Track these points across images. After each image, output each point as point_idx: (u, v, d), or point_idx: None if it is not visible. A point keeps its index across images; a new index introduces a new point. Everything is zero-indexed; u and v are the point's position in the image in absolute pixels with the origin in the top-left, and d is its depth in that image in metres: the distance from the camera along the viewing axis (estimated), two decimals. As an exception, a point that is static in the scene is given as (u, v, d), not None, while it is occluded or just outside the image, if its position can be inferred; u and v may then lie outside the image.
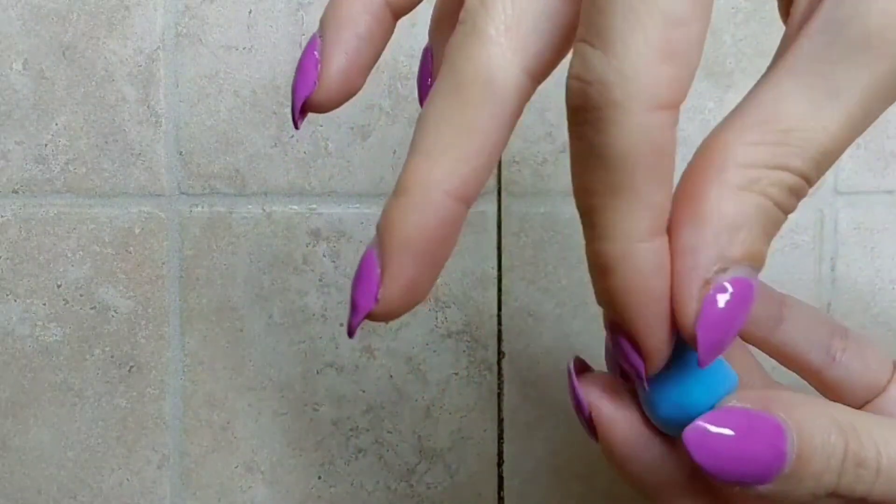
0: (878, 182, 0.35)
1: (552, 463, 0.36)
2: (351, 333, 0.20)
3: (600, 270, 0.17)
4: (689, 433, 0.18)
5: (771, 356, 0.24)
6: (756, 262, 0.17)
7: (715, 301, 0.17)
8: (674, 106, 0.16)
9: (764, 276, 0.23)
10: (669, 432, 0.20)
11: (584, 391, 0.21)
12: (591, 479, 0.36)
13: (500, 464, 0.36)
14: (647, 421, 0.20)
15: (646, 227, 0.17)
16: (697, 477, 0.21)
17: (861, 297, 0.35)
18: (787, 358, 0.24)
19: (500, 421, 0.36)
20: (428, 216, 0.19)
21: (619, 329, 0.18)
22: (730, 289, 0.17)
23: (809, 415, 0.19)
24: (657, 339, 0.18)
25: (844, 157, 0.36)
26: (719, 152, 0.17)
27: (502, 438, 0.36)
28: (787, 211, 0.17)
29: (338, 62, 0.22)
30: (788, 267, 0.35)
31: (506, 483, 0.36)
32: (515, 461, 0.36)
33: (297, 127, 0.22)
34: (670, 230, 0.17)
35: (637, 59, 0.16)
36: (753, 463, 0.18)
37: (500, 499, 0.36)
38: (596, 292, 0.18)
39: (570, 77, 0.17)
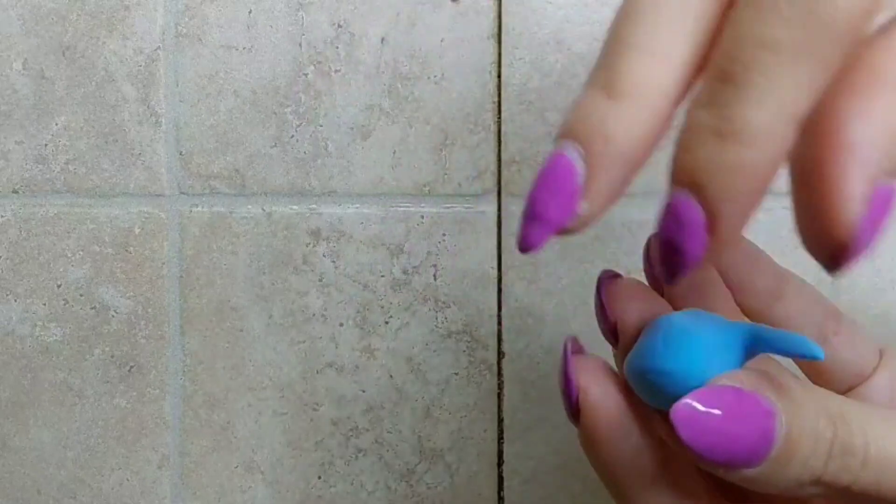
0: (878, 182, 0.35)
1: (552, 463, 0.36)
2: (529, 249, 0.17)
3: (732, 136, 0.15)
4: (677, 409, 0.18)
5: None
6: None
7: (881, 200, 0.16)
8: None
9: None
10: (657, 402, 0.20)
11: (576, 371, 0.20)
12: (591, 479, 0.36)
13: (500, 464, 0.36)
14: (631, 408, 0.20)
15: (807, 108, 0.15)
16: (668, 470, 0.21)
17: (861, 297, 0.35)
18: None
19: (500, 421, 0.36)
20: (650, 124, 0.16)
21: (703, 198, 0.16)
22: (889, 195, 0.16)
23: (800, 399, 0.19)
24: (742, 220, 0.17)
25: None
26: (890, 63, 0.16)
27: (502, 438, 0.36)
28: None
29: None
30: (788, 266, 0.35)
31: (506, 483, 0.36)
32: (515, 461, 0.36)
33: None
34: (829, 121, 0.16)
35: None
36: (740, 444, 0.18)
37: (500, 499, 0.36)
38: (702, 169, 0.16)
39: None
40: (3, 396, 0.36)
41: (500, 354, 0.36)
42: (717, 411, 0.18)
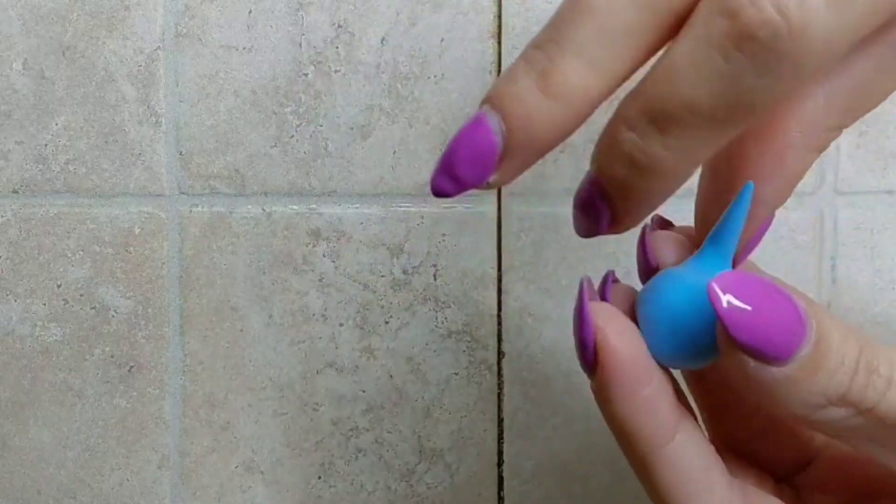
0: (878, 182, 0.35)
1: (552, 463, 0.36)
2: (440, 196, 0.20)
3: (644, 169, 0.18)
4: (713, 284, 0.18)
5: None
6: None
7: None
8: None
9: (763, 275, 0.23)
10: (661, 343, 0.20)
11: (593, 313, 0.20)
12: (591, 480, 0.36)
13: (500, 464, 0.36)
14: (649, 353, 0.20)
15: (709, 156, 0.19)
16: (687, 426, 0.21)
17: (861, 297, 0.35)
18: None
19: (500, 421, 0.36)
20: (569, 125, 0.18)
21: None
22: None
23: (827, 315, 0.19)
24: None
25: (844, 157, 0.36)
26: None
27: (502, 438, 0.36)
28: None
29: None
30: (788, 267, 0.35)
31: (506, 483, 0.36)
32: (515, 461, 0.36)
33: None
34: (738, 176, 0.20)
35: (861, 18, 0.16)
36: (774, 332, 0.18)
37: (500, 499, 0.36)
38: (615, 175, 0.19)
39: None
40: (3, 396, 0.36)
41: (500, 354, 0.36)
42: (752, 294, 0.18)
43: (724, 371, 0.19)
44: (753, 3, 0.16)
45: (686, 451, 0.20)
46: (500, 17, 0.35)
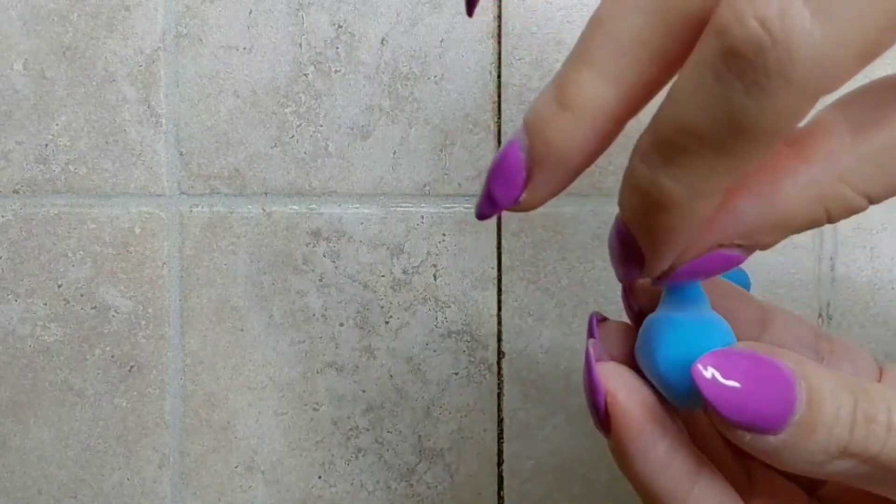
0: (878, 182, 0.35)
1: (552, 463, 0.36)
2: (481, 219, 0.20)
3: (655, 203, 0.18)
4: (696, 368, 0.18)
5: None
6: None
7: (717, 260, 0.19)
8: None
9: (764, 276, 0.23)
10: (671, 387, 0.20)
11: (602, 377, 0.20)
12: (591, 479, 0.36)
13: (500, 464, 0.36)
14: (662, 403, 0.20)
15: (722, 189, 0.17)
16: (707, 471, 0.21)
17: (861, 297, 0.35)
18: None
19: (500, 421, 0.36)
20: (589, 138, 0.18)
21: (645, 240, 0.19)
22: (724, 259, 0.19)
23: (818, 370, 0.19)
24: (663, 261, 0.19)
25: (844, 157, 0.36)
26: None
27: (502, 438, 0.36)
28: None
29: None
30: (788, 267, 0.35)
31: (506, 483, 0.36)
32: (515, 461, 0.36)
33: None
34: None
35: (851, 29, 0.15)
36: (762, 404, 0.18)
37: (500, 499, 0.36)
38: (633, 211, 0.18)
39: (743, 10, 0.15)
40: (3, 396, 0.36)
41: (500, 354, 0.36)
42: (737, 371, 0.18)
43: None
44: (738, 18, 0.15)
45: (706, 499, 0.20)
46: (500, 17, 0.35)
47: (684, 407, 0.20)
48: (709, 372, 0.18)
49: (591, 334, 0.22)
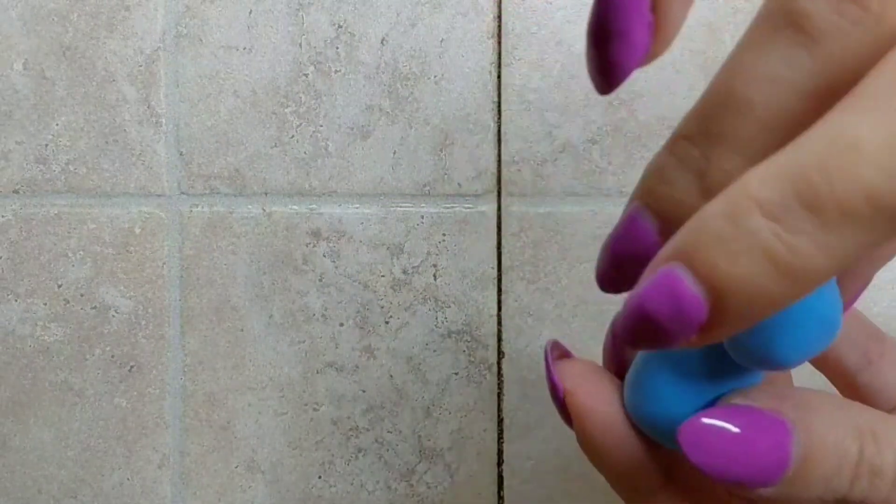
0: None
1: (552, 463, 0.36)
2: (607, 291, 0.19)
3: (786, 272, 0.15)
4: (683, 430, 0.17)
5: None
6: None
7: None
8: None
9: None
10: (657, 435, 0.19)
11: (560, 375, 0.20)
12: (591, 479, 0.36)
13: (500, 464, 0.36)
14: (626, 413, 0.20)
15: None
16: (678, 475, 0.20)
17: (861, 297, 0.35)
18: (821, 360, 0.23)
19: (500, 421, 0.36)
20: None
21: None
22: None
23: (824, 415, 0.18)
24: None
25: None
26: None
27: (502, 438, 0.36)
28: None
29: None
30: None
31: (506, 483, 0.36)
32: (515, 461, 0.36)
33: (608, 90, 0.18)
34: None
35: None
36: (753, 465, 0.17)
37: (500, 499, 0.36)
38: (743, 280, 0.15)
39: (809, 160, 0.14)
40: (3, 396, 0.36)
41: (500, 354, 0.36)
42: (728, 427, 0.17)
43: None
44: None
45: (679, 499, 0.20)
46: (499, 17, 0.35)
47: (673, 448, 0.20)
48: (692, 438, 0.17)
49: (546, 366, 0.21)
